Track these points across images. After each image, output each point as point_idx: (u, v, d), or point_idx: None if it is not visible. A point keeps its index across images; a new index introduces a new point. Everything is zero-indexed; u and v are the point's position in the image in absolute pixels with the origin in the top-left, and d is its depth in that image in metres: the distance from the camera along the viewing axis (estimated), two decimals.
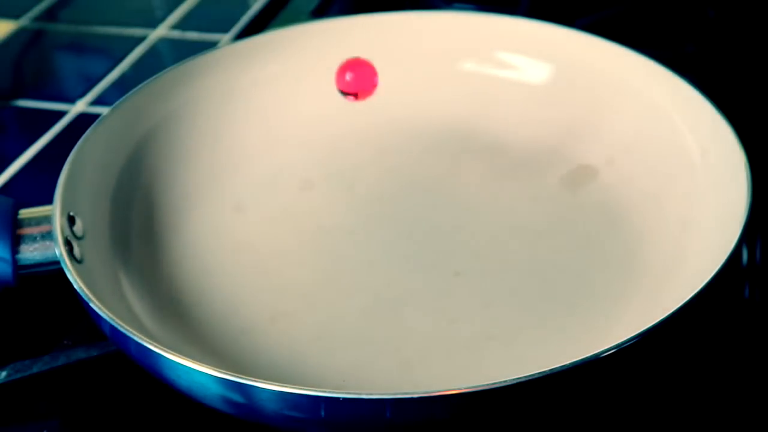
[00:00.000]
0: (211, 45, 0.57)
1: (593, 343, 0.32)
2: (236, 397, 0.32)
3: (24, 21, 0.70)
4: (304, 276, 0.42)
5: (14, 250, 0.39)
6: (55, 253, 0.38)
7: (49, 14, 0.71)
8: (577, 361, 0.31)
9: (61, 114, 0.58)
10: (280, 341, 0.39)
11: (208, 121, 0.49)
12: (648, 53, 0.48)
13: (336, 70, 0.45)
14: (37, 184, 0.52)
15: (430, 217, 0.45)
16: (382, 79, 0.52)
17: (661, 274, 0.40)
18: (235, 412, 0.33)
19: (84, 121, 0.58)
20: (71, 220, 0.40)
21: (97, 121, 0.45)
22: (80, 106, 0.59)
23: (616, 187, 0.45)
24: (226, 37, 0.65)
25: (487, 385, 0.30)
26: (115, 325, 0.34)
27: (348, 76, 0.43)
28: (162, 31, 0.67)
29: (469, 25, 0.52)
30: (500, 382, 0.30)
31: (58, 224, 0.38)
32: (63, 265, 0.37)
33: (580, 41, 0.50)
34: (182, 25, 0.68)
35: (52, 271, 0.39)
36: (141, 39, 0.66)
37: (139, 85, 0.48)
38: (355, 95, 0.44)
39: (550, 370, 0.30)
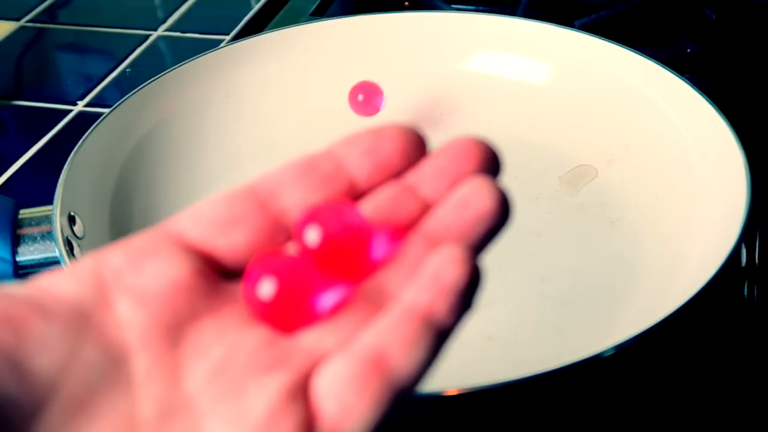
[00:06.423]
0: (212, 45, 0.57)
1: (593, 343, 0.32)
2: None
3: (24, 21, 0.70)
4: None
5: (14, 250, 0.39)
6: (55, 253, 0.38)
7: (50, 14, 0.71)
8: (577, 361, 0.31)
9: (61, 114, 0.58)
10: None
11: (209, 121, 0.49)
12: (648, 53, 0.48)
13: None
14: (37, 184, 0.52)
15: None
16: (383, 79, 0.52)
17: (661, 274, 0.40)
18: None
19: (84, 121, 0.58)
20: (71, 220, 0.40)
21: (97, 121, 0.45)
22: (80, 106, 0.59)
23: (616, 187, 0.45)
24: (227, 38, 0.65)
25: (487, 385, 0.30)
26: None
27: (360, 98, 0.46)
28: (162, 31, 0.67)
29: (469, 26, 0.52)
30: (500, 382, 0.30)
31: (58, 224, 0.38)
32: (63, 265, 0.37)
33: (579, 41, 0.50)
34: (183, 25, 0.68)
35: None
36: (142, 39, 0.66)
37: (140, 86, 0.48)
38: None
39: (550, 370, 0.30)
